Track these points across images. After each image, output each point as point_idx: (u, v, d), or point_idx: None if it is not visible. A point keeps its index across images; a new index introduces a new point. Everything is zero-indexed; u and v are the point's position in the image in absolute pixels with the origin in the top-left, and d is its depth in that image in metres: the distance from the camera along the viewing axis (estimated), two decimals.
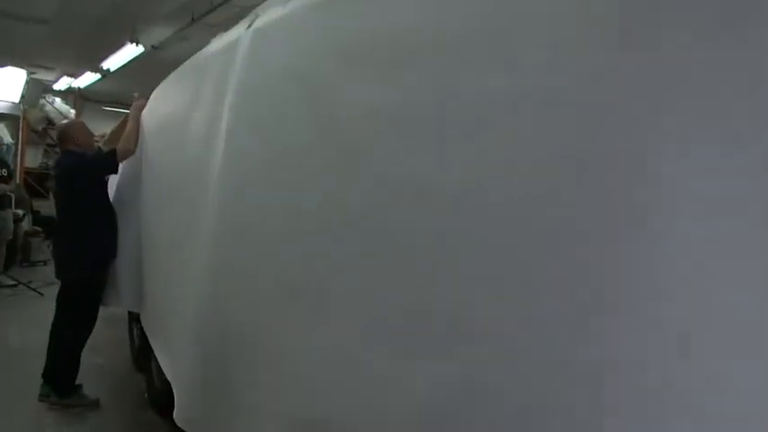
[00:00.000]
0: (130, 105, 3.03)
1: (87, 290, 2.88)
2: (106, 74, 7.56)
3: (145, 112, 2.85)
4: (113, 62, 6.90)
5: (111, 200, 2.99)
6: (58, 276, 2.96)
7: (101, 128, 11.63)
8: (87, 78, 8.26)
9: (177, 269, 1.77)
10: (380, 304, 0.95)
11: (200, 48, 2.32)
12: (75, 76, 8.73)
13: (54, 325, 2.94)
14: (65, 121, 3.11)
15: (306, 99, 1.15)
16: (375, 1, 1.04)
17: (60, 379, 2.87)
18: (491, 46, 0.78)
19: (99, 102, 11.05)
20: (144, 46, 6.30)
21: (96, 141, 3.21)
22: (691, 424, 0.62)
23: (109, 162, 2.86)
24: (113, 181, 3.08)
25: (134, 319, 3.41)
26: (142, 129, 2.82)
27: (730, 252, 0.61)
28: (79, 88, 9.15)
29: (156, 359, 2.77)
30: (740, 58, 0.61)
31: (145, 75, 8.72)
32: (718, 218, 0.61)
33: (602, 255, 0.67)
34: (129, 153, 2.85)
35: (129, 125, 2.92)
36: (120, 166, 2.88)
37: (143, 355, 3.15)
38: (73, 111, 9.03)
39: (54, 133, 3.13)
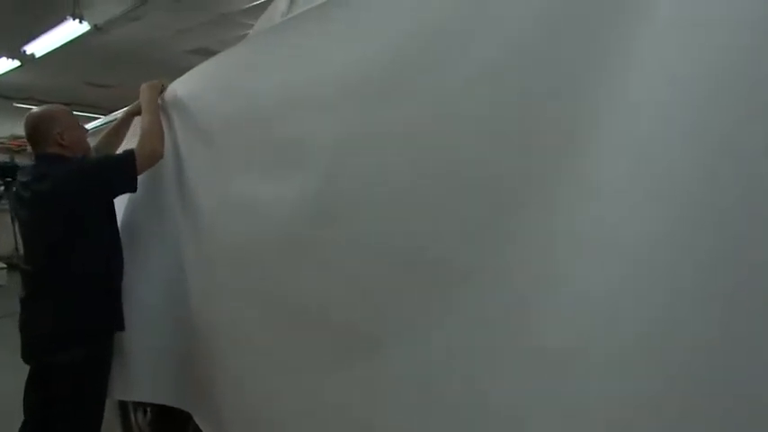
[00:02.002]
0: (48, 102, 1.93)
1: (83, 379, 1.77)
2: (29, 60, 6.11)
3: (184, 96, 1.79)
4: (43, 45, 5.51)
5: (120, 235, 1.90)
6: (29, 359, 1.82)
7: (13, 129, 9.90)
8: (0, 66, 6.72)
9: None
10: None
11: (154, 30, 1.37)
12: None
13: None
14: (37, 109, 1.91)
15: None
16: None
17: None
18: None
19: (8, 98, 9.27)
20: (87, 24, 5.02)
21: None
22: None
23: (125, 171, 1.74)
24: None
25: (137, 404, 2.34)
26: (178, 122, 1.78)
27: None
28: None
29: None
30: None
31: (76, 64, 7.33)
32: None
33: None
34: (155, 157, 1.78)
35: (148, 118, 1.83)
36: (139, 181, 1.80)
37: None
38: None
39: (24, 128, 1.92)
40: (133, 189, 1.79)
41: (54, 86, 8.46)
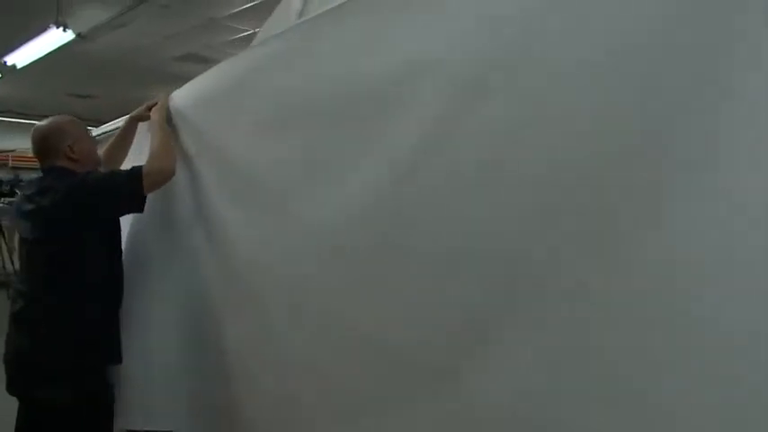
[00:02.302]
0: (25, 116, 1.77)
1: (80, 421, 1.60)
2: (9, 72, 5.88)
3: (199, 101, 1.65)
4: (25, 55, 5.29)
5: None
6: (15, 391, 1.63)
7: None
8: None
9: None
10: None
11: (141, 37, 1.27)
12: None
13: None
14: (45, 122, 1.75)
15: None
16: None
17: None
18: None
19: None
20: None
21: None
22: None
23: (131, 190, 1.60)
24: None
25: None
26: (190, 130, 1.65)
27: None
28: None
29: None
30: None
31: (59, 75, 7.10)
32: None
33: None
34: (165, 176, 1.64)
35: (158, 136, 1.69)
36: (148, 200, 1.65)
37: None
38: None
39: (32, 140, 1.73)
40: (140, 209, 1.65)
41: (35, 98, 8.21)
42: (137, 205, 1.64)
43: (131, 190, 1.60)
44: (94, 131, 2.55)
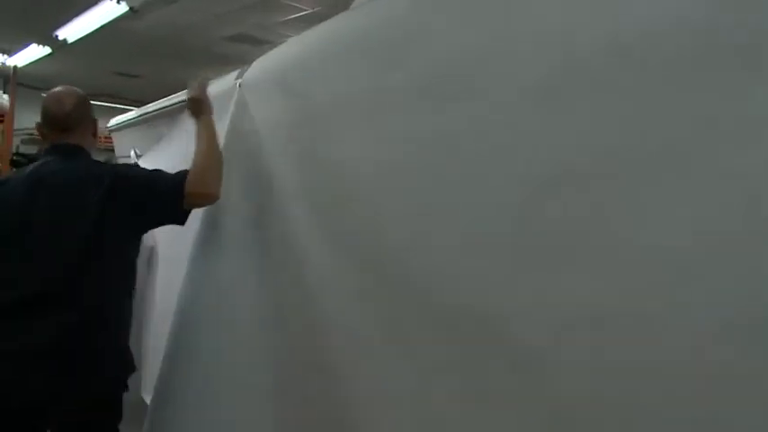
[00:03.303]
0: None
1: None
2: (61, 46, 5.78)
3: (283, 75, 1.35)
4: (76, 28, 5.16)
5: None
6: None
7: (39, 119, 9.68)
8: (30, 54, 6.39)
9: None
10: None
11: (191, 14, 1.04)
12: (9, 51, 6.84)
13: None
14: (68, 88, 1.48)
15: None
16: None
17: None
18: None
19: (36, 88, 8.98)
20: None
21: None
22: None
23: (175, 201, 1.36)
24: None
25: None
26: (270, 107, 1.37)
27: None
28: (15, 67, 7.17)
29: None
30: None
31: (107, 52, 7.00)
32: None
33: None
34: (207, 200, 1.41)
35: (205, 142, 1.42)
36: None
37: None
38: (6, 97, 7.08)
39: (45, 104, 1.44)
40: (181, 222, 1.42)
41: (82, 76, 8.15)
42: (178, 219, 1.42)
43: (174, 202, 1.37)
44: (111, 121, 2.34)
